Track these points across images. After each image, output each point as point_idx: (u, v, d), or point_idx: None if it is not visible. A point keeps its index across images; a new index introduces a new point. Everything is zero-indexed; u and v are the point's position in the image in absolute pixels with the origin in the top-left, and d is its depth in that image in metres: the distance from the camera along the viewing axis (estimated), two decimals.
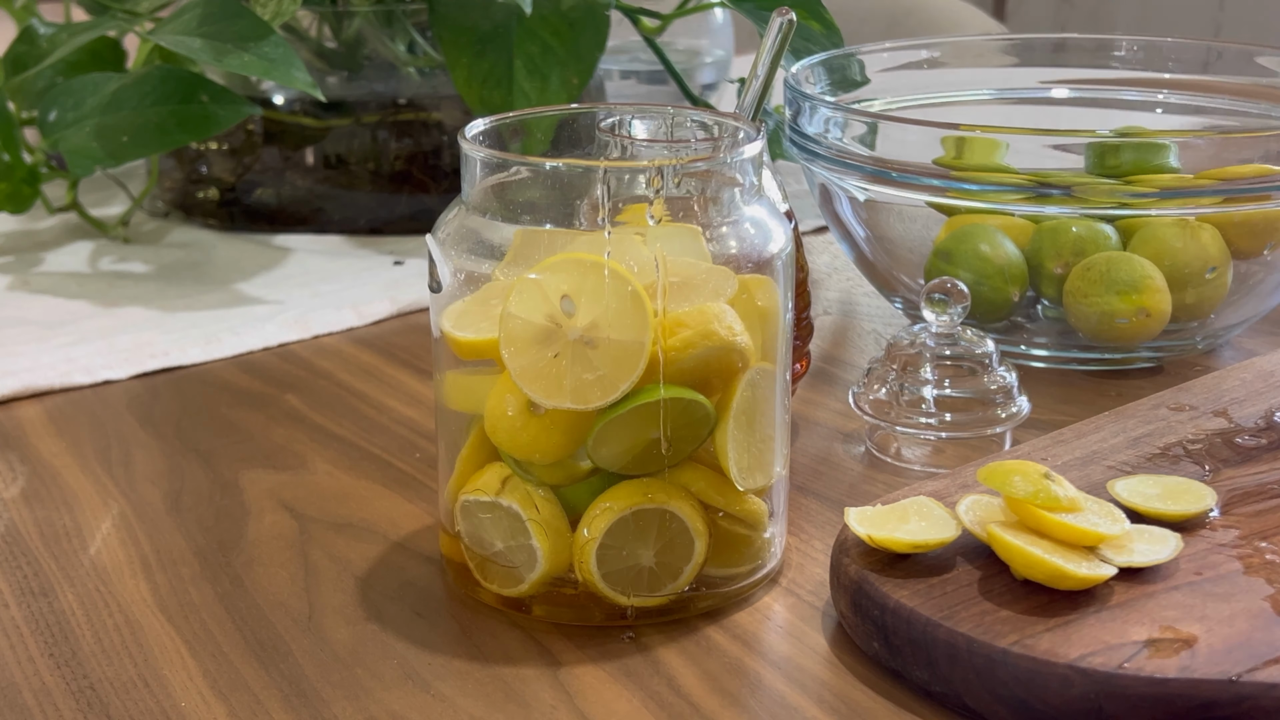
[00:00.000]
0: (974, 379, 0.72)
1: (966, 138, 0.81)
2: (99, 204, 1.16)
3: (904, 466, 0.73)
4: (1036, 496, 0.57)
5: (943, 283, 0.72)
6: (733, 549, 0.60)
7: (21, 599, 0.63)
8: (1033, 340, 0.84)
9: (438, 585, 0.63)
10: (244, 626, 0.60)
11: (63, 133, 1.02)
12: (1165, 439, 0.68)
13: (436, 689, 0.56)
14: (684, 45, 1.42)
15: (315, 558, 0.65)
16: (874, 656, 0.57)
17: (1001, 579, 0.56)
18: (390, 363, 0.88)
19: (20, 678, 0.57)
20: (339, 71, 1.11)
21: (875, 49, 0.98)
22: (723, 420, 0.58)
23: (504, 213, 0.59)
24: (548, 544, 0.58)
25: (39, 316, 0.95)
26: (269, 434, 0.78)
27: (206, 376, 0.86)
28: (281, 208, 1.11)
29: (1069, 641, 0.52)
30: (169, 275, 1.02)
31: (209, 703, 0.55)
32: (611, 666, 0.57)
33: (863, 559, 0.58)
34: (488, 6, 1.02)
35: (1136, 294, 0.80)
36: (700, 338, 0.57)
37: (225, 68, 0.93)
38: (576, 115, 0.66)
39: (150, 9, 1.05)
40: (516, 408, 0.57)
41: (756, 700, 0.55)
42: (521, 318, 0.56)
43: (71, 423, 0.80)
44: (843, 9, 1.10)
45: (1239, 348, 0.87)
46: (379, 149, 1.09)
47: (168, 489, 0.72)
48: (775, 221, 0.60)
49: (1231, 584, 0.56)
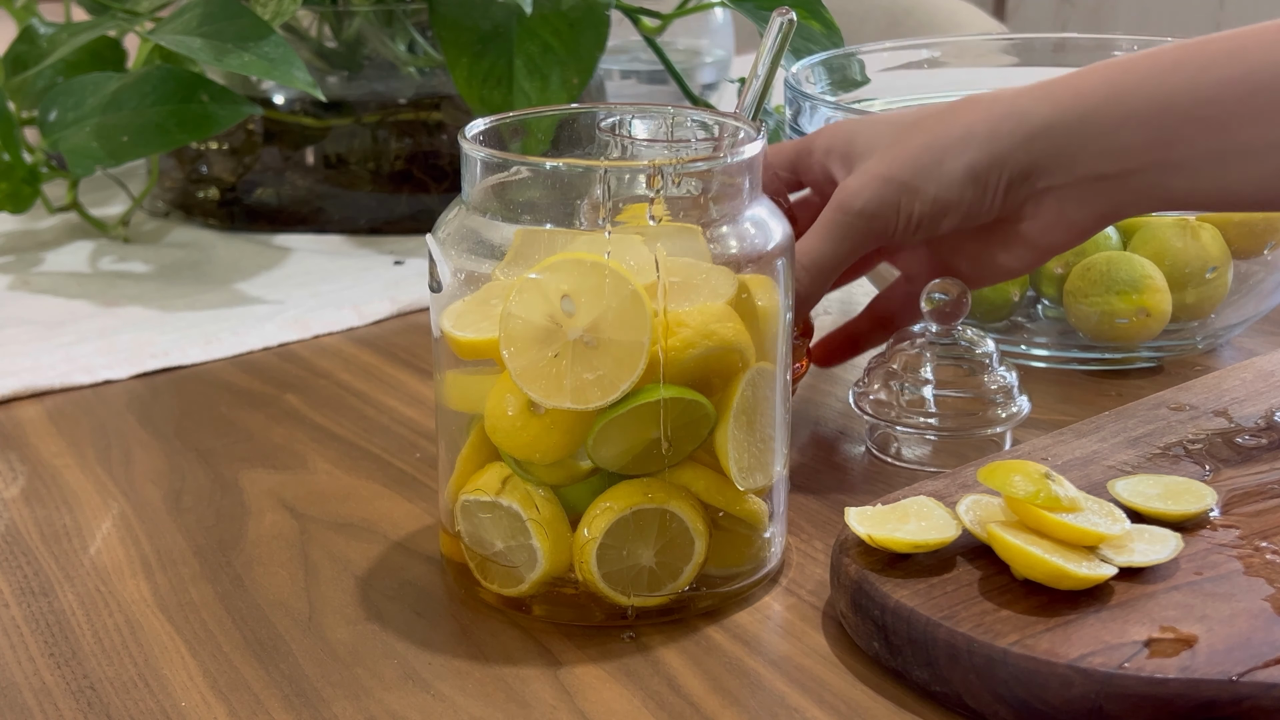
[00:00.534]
0: (974, 379, 0.72)
1: None
2: (99, 204, 1.16)
3: (904, 466, 0.73)
4: (1037, 496, 0.57)
5: (943, 281, 0.72)
6: (733, 549, 0.60)
7: (22, 599, 0.63)
8: (1033, 340, 0.84)
9: (438, 585, 0.63)
10: (244, 626, 0.60)
11: (63, 132, 1.02)
12: (1165, 439, 0.68)
13: (436, 689, 0.56)
14: (684, 45, 1.42)
15: (315, 558, 0.65)
16: (874, 656, 0.57)
17: (1001, 579, 0.56)
18: (390, 363, 0.88)
19: (20, 677, 0.57)
20: (339, 71, 1.11)
21: (875, 49, 0.98)
22: (723, 420, 0.58)
23: (504, 212, 0.59)
24: (548, 544, 0.58)
25: (39, 316, 0.95)
26: (269, 434, 0.78)
27: (206, 376, 0.86)
28: (282, 207, 1.11)
29: (1069, 641, 0.52)
30: (169, 275, 1.02)
31: (209, 702, 0.55)
32: (611, 666, 0.57)
33: (863, 559, 0.58)
34: (488, 6, 1.02)
35: (1136, 294, 0.80)
36: (700, 338, 0.57)
37: (225, 67, 0.93)
38: (576, 115, 0.66)
39: (150, 9, 1.05)
40: (516, 408, 0.57)
41: (756, 700, 0.55)
42: (521, 318, 0.56)
43: (72, 422, 0.80)
44: (843, 9, 1.10)
45: (1239, 348, 0.87)
46: (379, 149, 1.09)
47: (168, 489, 0.72)
48: (775, 221, 0.60)
49: (1231, 584, 0.56)
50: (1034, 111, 0.66)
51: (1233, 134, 0.64)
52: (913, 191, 0.66)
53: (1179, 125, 0.64)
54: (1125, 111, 0.65)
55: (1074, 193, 0.66)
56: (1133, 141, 0.65)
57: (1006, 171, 0.66)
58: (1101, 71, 0.66)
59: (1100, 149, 0.65)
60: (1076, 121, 0.65)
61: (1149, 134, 0.64)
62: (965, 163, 0.66)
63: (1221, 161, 0.64)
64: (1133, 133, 0.65)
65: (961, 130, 0.66)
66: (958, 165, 0.66)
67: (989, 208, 0.67)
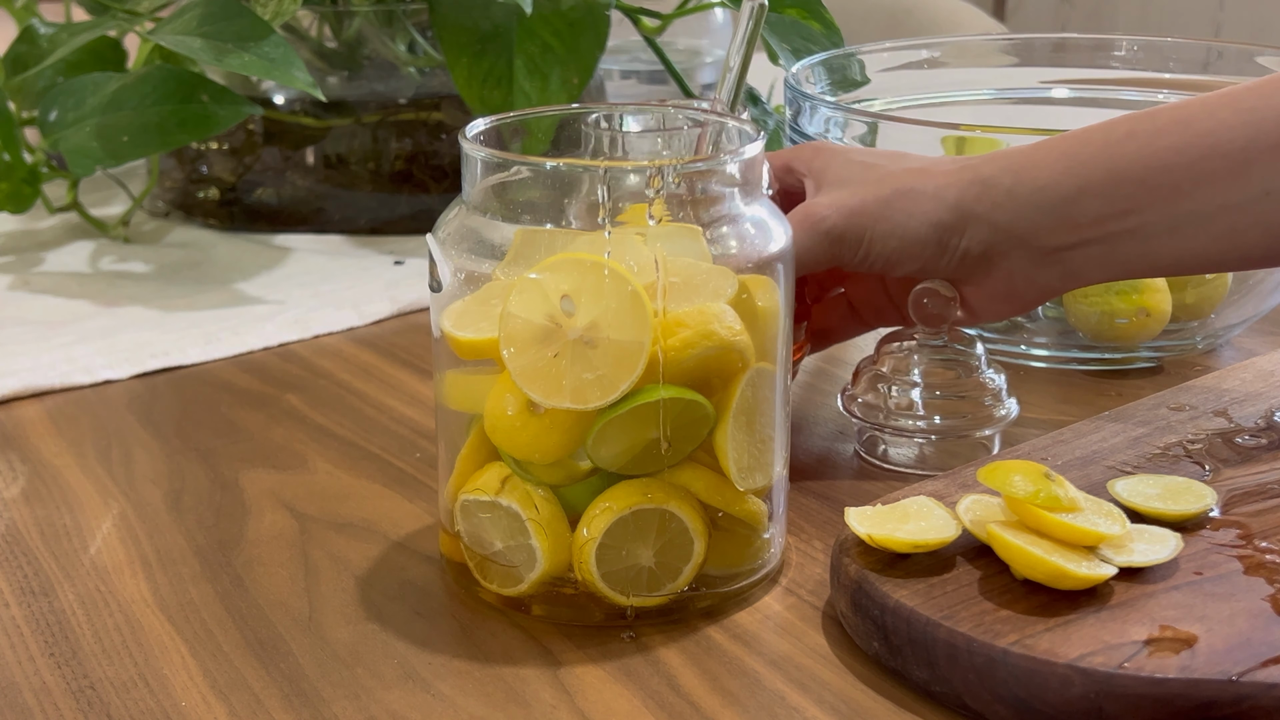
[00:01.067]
0: (963, 381, 0.72)
1: (966, 138, 0.81)
2: (99, 204, 1.16)
3: (892, 469, 0.72)
4: (1037, 496, 0.57)
5: (932, 285, 0.72)
6: (732, 549, 0.60)
7: (22, 598, 0.63)
8: (1033, 340, 0.84)
9: (438, 585, 0.63)
10: (244, 626, 0.60)
11: (63, 132, 1.02)
12: (1165, 439, 0.68)
13: (436, 689, 0.56)
14: (684, 45, 1.42)
15: (315, 557, 0.65)
16: (874, 656, 0.57)
17: (1001, 579, 0.56)
18: (390, 363, 0.88)
19: (20, 677, 0.57)
20: (339, 71, 1.11)
21: (875, 49, 0.98)
22: (722, 420, 0.58)
23: (504, 212, 0.59)
24: (547, 544, 0.58)
25: (39, 316, 0.95)
26: (269, 434, 0.78)
27: (206, 376, 0.86)
28: (282, 207, 1.11)
29: (1069, 641, 0.52)
30: (169, 275, 1.02)
31: (209, 702, 0.55)
32: (611, 666, 0.57)
33: (863, 559, 0.58)
34: (488, 6, 1.02)
35: (1136, 294, 0.80)
36: (700, 338, 0.57)
37: (225, 67, 0.93)
38: (577, 115, 0.66)
39: (151, 9, 1.05)
40: (516, 407, 0.57)
41: (756, 700, 0.55)
42: (521, 318, 0.56)
43: (72, 422, 0.80)
44: (843, 9, 1.10)
45: (1239, 348, 0.87)
46: (379, 149, 1.10)
47: (168, 488, 0.72)
48: (775, 221, 0.60)
49: (1231, 584, 0.56)
50: (997, 181, 0.68)
51: (1184, 198, 0.67)
52: (879, 233, 0.69)
53: (1133, 193, 0.67)
54: (1080, 183, 0.67)
55: (1027, 264, 0.69)
56: (1088, 212, 0.67)
57: (967, 237, 0.68)
58: (1058, 144, 0.69)
59: (1057, 221, 0.68)
60: (1035, 193, 0.68)
61: (1103, 205, 0.67)
62: (933, 221, 0.68)
63: (1174, 228, 0.67)
64: (1089, 203, 0.67)
65: (933, 189, 0.69)
66: (925, 222, 0.68)
67: (944, 266, 0.70)
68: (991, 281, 0.70)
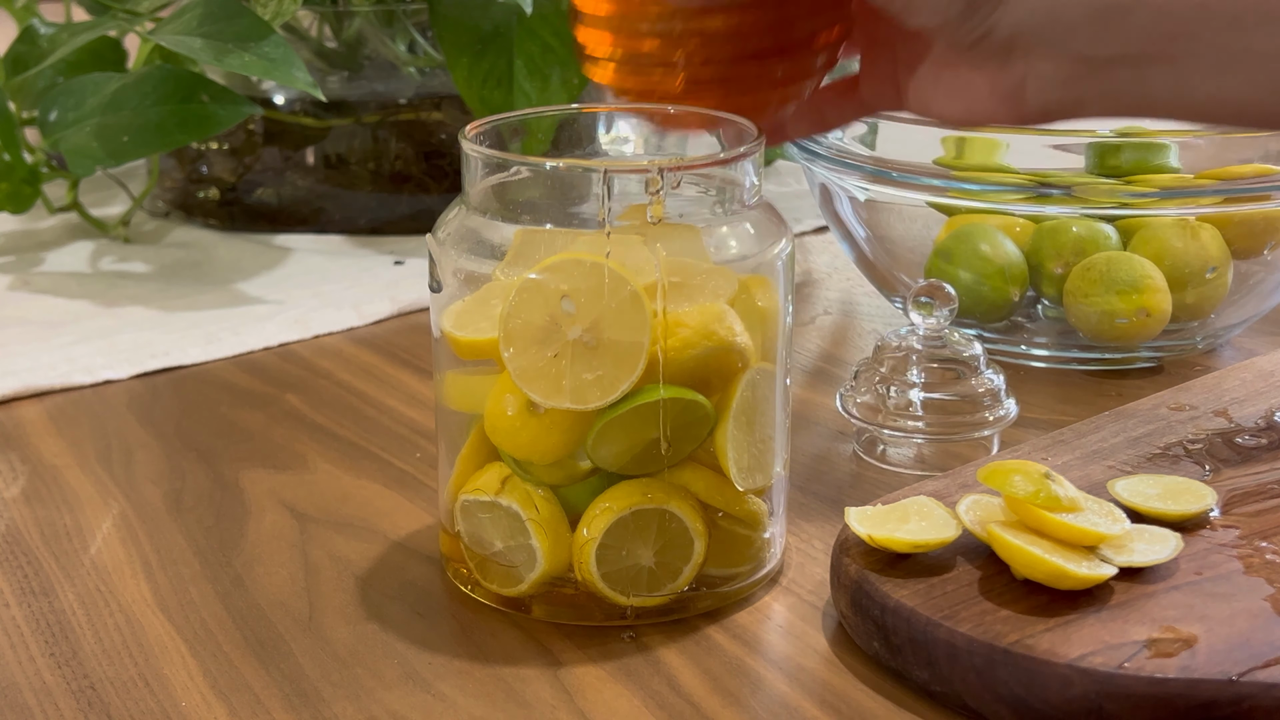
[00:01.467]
0: (961, 382, 0.72)
1: (967, 137, 0.81)
2: (99, 204, 1.16)
3: (891, 469, 0.72)
4: (1037, 496, 0.57)
5: (930, 285, 0.72)
6: (732, 549, 0.60)
7: (22, 599, 0.63)
8: (1033, 340, 0.84)
9: (438, 585, 0.63)
10: (244, 626, 0.60)
11: (63, 132, 1.02)
12: (1165, 439, 0.68)
13: (436, 689, 0.56)
14: None
15: (315, 558, 0.65)
16: (874, 656, 0.57)
17: (1001, 579, 0.56)
18: (390, 363, 0.88)
19: (21, 677, 0.57)
20: (339, 71, 1.11)
21: None
22: (722, 420, 0.58)
23: (504, 213, 0.59)
24: (547, 544, 0.58)
25: (39, 316, 0.95)
26: (269, 434, 0.78)
27: (207, 376, 0.86)
28: (282, 208, 1.11)
29: (1069, 641, 0.52)
30: (169, 275, 1.02)
31: (209, 702, 0.55)
32: (611, 666, 0.57)
33: (863, 559, 0.58)
34: (488, 6, 1.02)
35: (1136, 294, 0.80)
36: (700, 338, 0.57)
37: (226, 68, 0.93)
38: (577, 115, 0.66)
39: (151, 9, 1.05)
40: (516, 408, 0.57)
41: (756, 700, 0.55)
42: (521, 318, 0.56)
43: (72, 422, 0.80)
44: None
45: (1239, 348, 0.87)
46: (379, 149, 1.09)
47: (168, 489, 0.72)
48: (775, 221, 0.60)
49: (1231, 584, 0.56)
50: None
51: (1243, 33, 0.59)
52: None
53: (1190, 16, 0.60)
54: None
55: (1047, 68, 0.62)
56: (1137, 24, 0.60)
57: (1001, 11, 0.61)
58: None
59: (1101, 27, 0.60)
60: None
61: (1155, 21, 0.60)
62: None
63: (1221, 65, 0.60)
64: (1142, 14, 0.60)
65: None
66: None
67: (962, 35, 0.62)
68: (1001, 76, 0.62)
